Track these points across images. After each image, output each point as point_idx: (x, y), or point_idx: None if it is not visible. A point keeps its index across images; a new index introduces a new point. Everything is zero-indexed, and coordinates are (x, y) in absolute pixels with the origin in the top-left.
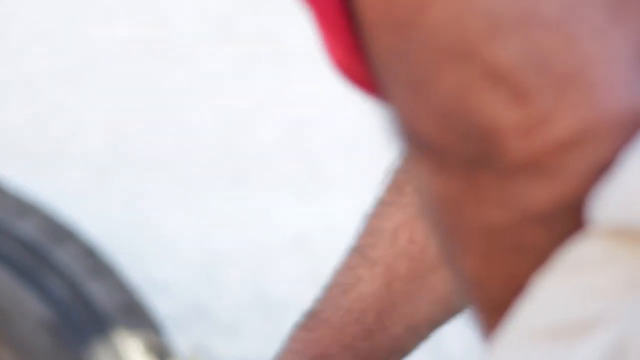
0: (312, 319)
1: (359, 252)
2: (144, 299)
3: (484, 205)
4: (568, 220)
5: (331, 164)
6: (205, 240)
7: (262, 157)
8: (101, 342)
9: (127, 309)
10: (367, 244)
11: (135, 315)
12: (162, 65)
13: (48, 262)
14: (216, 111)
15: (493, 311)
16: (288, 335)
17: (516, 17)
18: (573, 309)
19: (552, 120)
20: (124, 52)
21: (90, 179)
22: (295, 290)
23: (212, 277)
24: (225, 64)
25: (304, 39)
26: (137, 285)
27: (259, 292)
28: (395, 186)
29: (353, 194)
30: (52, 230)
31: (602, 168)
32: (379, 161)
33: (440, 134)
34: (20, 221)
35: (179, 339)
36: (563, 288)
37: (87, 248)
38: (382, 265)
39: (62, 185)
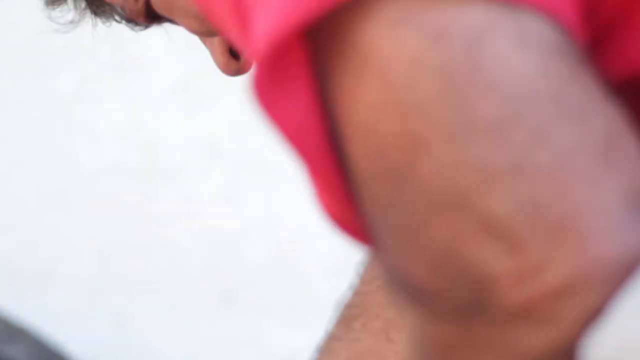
0: None
1: None
2: None
3: (476, 351)
4: None
5: (319, 285)
6: (194, 358)
7: (251, 278)
8: None
9: None
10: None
11: None
12: (151, 187)
13: None
14: (205, 232)
15: None
16: None
17: (508, 167)
18: None
19: (545, 268)
20: (113, 174)
21: (80, 301)
22: None
23: None
24: (213, 186)
25: (292, 162)
26: None
27: None
28: (344, 321)
29: None
30: (42, 355)
31: (594, 314)
32: None
33: (434, 282)
34: (9, 346)
35: None
36: None
37: None
38: None
39: (52, 307)
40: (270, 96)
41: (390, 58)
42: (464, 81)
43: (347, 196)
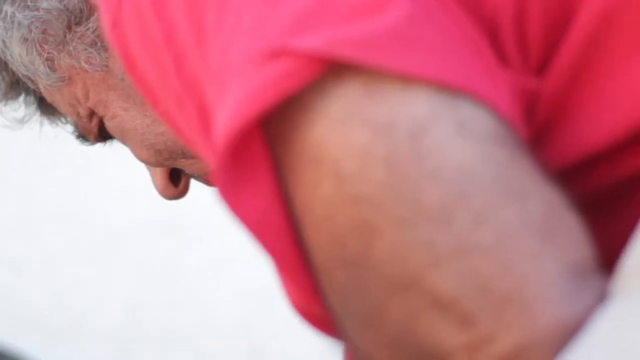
0: None
1: None
2: None
3: None
4: None
5: None
6: None
7: (280, 334)
8: None
9: None
10: None
11: None
12: (181, 243)
13: None
14: (234, 288)
15: None
16: None
17: (454, 247)
18: None
19: (494, 339)
20: (142, 230)
21: (108, 354)
22: None
23: None
24: (242, 241)
25: None
26: None
27: None
28: None
29: None
30: None
31: None
32: None
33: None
34: None
35: None
36: None
37: None
38: None
39: (81, 358)
40: (231, 189)
41: (340, 153)
42: (409, 170)
43: (312, 288)
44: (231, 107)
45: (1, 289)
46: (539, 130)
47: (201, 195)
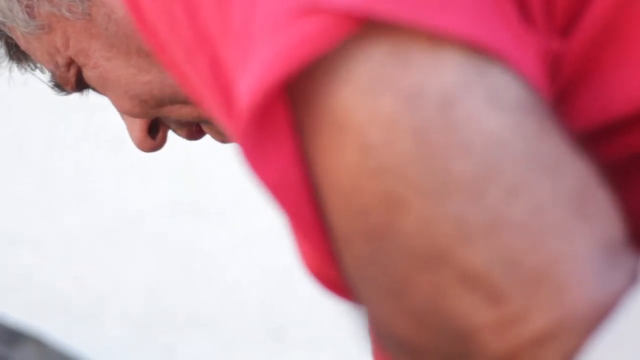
0: None
1: None
2: None
3: None
4: None
5: None
6: None
7: (301, 315)
8: None
9: None
10: None
11: None
12: (202, 224)
13: None
14: (255, 269)
15: None
16: None
17: (485, 222)
18: None
19: (525, 317)
20: (164, 211)
21: (129, 335)
22: None
23: None
24: (264, 223)
25: None
26: None
27: None
28: None
29: None
30: None
31: (572, 357)
32: None
33: (419, 336)
34: None
35: None
36: None
37: None
38: None
39: (102, 341)
40: (254, 151)
41: (366, 122)
42: (438, 141)
43: (328, 251)
44: (257, 68)
45: (22, 271)
46: (561, 93)
47: (222, 177)
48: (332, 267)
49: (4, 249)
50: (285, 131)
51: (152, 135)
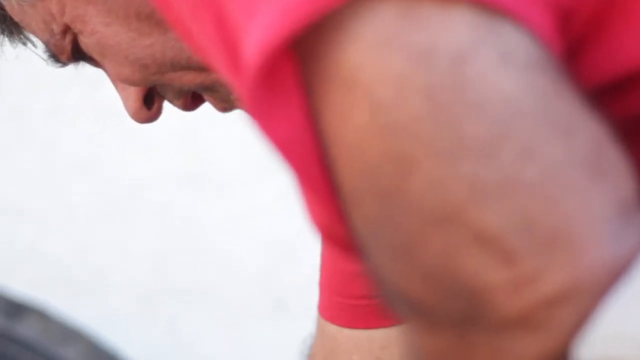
0: None
1: None
2: None
3: (474, 359)
4: None
5: None
6: None
7: (303, 286)
8: None
9: None
10: None
11: None
12: (205, 195)
13: None
14: (258, 240)
15: None
16: None
17: (499, 183)
18: None
19: (539, 277)
20: (165, 182)
21: (132, 307)
22: None
23: None
24: (266, 193)
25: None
26: None
27: None
28: None
29: None
30: (96, 356)
31: (586, 318)
32: None
33: (429, 295)
34: (64, 347)
35: None
36: None
37: None
38: None
39: (106, 311)
40: (261, 109)
41: (376, 80)
42: (450, 100)
43: (336, 210)
44: (264, 25)
45: (24, 243)
46: (571, 50)
47: (226, 148)
48: (340, 226)
49: (6, 221)
50: (293, 89)
51: (148, 106)
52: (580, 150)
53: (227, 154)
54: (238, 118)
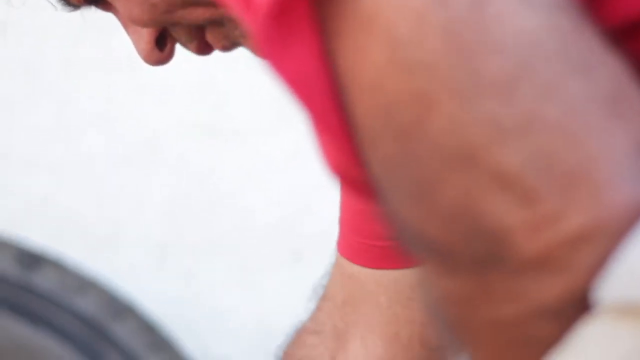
0: None
1: None
2: None
3: (493, 301)
4: (577, 312)
5: None
6: (262, 316)
7: (320, 237)
8: None
9: None
10: None
11: None
12: (220, 147)
13: (108, 337)
14: (273, 192)
15: None
16: None
17: (519, 122)
18: None
19: (560, 218)
20: (182, 134)
21: (148, 257)
22: None
23: (269, 353)
24: (283, 145)
25: None
26: (195, 359)
27: None
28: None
29: None
30: (112, 306)
31: (607, 259)
32: None
33: (448, 237)
34: (80, 297)
35: None
36: None
37: (146, 323)
38: None
39: (122, 262)
40: (275, 46)
41: (394, 17)
42: (469, 39)
43: (352, 151)
44: None
45: (41, 195)
46: None
47: (243, 98)
48: (357, 168)
49: (22, 174)
50: (307, 26)
51: (160, 48)
52: (600, 90)
53: (243, 105)
54: (254, 69)
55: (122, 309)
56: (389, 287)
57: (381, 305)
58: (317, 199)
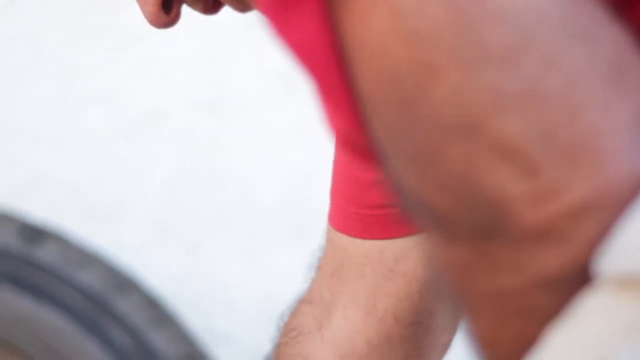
0: None
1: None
2: (205, 349)
3: (495, 271)
4: (578, 283)
5: None
6: (266, 291)
7: (322, 211)
8: None
9: (189, 358)
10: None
11: None
12: (223, 122)
13: (110, 312)
14: (277, 166)
15: None
16: None
17: (521, 92)
18: (579, 357)
19: (561, 189)
20: (184, 108)
21: (151, 232)
22: None
23: (273, 327)
24: (286, 120)
25: None
26: (198, 335)
27: None
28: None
29: None
30: (115, 281)
31: (608, 231)
32: None
33: (449, 206)
34: (83, 271)
35: None
36: (567, 339)
37: (149, 298)
38: None
39: (124, 238)
40: (279, 12)
41: None
42: (472, 8)
43: (355, 117)
44: None
45: (43, 168)
46: None
47: (245, 73)
48: (360, 134)
49: (25, 147)
50: None
51: (166, 11)
52: (603, 61)
53: (245, 79)
54: (257, 44)
55: (124, 283)
56: (374, 257)
57: (366, 276)
58: (321, 173)
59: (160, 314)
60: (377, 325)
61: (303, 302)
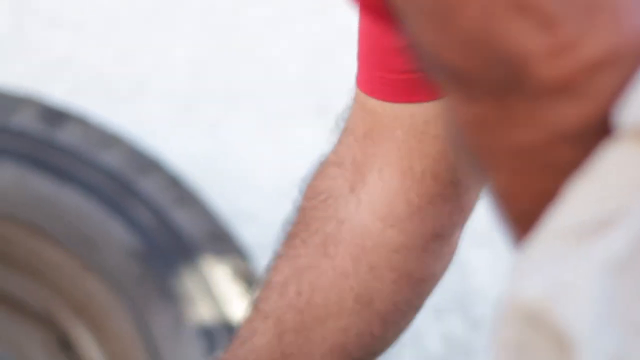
0: None
1: (254, 305)
2: (228, 226)
3: (514, 127)
4: (597, 138)
5: None
6: (289, 168)
7: (345, 87)
8: (188, 269)
9: (213, 236)
10: (260, 297)
11: (222, 242)
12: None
13: (134, 192)
14: (298, 42)
15: (524, 222)
16: None
17: None
18: (598, 207)
19: (579, 43)
20: None
21: (173, 112)
22: None
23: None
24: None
25: None
26: (221, 213)
27: None
28: (287, 238)
29: None
30: (137, 161)
31: (626, 86)
32: None
33: (467, 62)
34: (105, 152)
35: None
36: (589, 190)
37: (172, 177)
38: (273, 317)
39: (146, 118)
40: None
41: None
42: None
43: None
44: None
45: (63, 50)
46: None
47: None
48: None
49: (45, 30)
50: None
51: None
52: None
53: None
54: None
55: (147, 163)
56: (405, 121)
57: (397, 138)
58: (344, 47)
59: (183, 193)
60: (416, 186)
61: (330, 165)
